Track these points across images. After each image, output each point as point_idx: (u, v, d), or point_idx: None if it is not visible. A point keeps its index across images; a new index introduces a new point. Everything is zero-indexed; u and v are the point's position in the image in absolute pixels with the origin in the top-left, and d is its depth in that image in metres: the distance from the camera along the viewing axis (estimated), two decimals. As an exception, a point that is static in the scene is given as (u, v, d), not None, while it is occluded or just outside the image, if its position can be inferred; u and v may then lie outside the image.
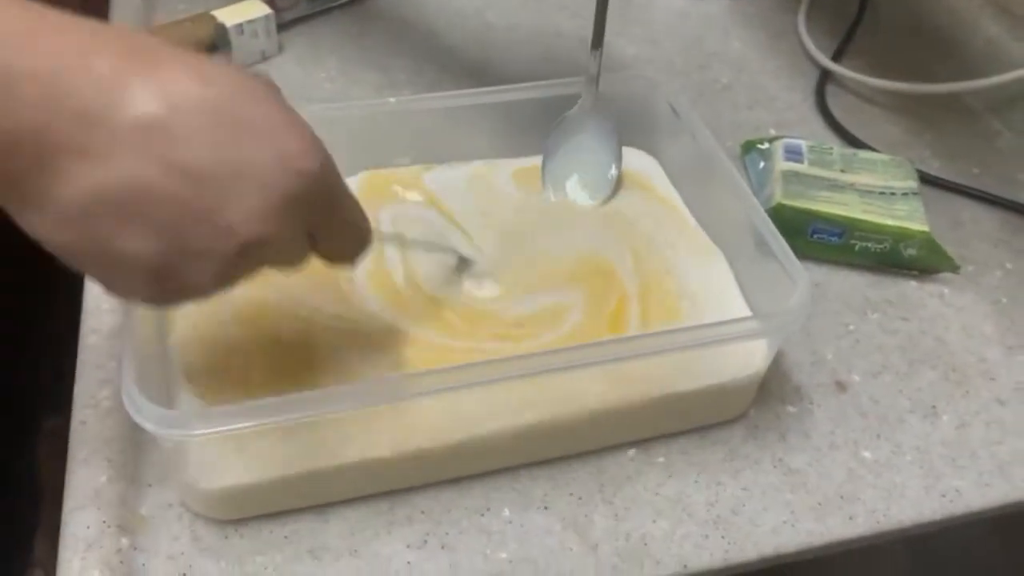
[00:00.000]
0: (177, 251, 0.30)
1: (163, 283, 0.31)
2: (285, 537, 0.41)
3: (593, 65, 0.54)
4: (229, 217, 0.30)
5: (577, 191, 0.55)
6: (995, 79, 0.67)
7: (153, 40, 0.30)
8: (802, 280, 0.43)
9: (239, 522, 0.41)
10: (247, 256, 0.31)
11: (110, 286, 0.32)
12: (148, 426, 0.35)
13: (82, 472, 0.42)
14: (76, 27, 0.29)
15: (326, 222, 0.34)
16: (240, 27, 0.66)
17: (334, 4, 0.75)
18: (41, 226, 0.29)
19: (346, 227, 0.36)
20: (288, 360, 0.44)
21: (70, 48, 0.28)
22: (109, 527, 0.41)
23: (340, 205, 0.35)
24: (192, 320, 0.45)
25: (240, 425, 0.36)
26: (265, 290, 0.45)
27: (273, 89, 0.32)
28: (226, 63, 0.31)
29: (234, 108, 0.30)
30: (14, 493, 0.68)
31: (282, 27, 0.71)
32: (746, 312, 0.49)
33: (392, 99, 0.53)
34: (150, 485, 0.42)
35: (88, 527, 0.40)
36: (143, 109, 0.28)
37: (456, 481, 0.44)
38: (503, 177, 0.56)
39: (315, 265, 0.36)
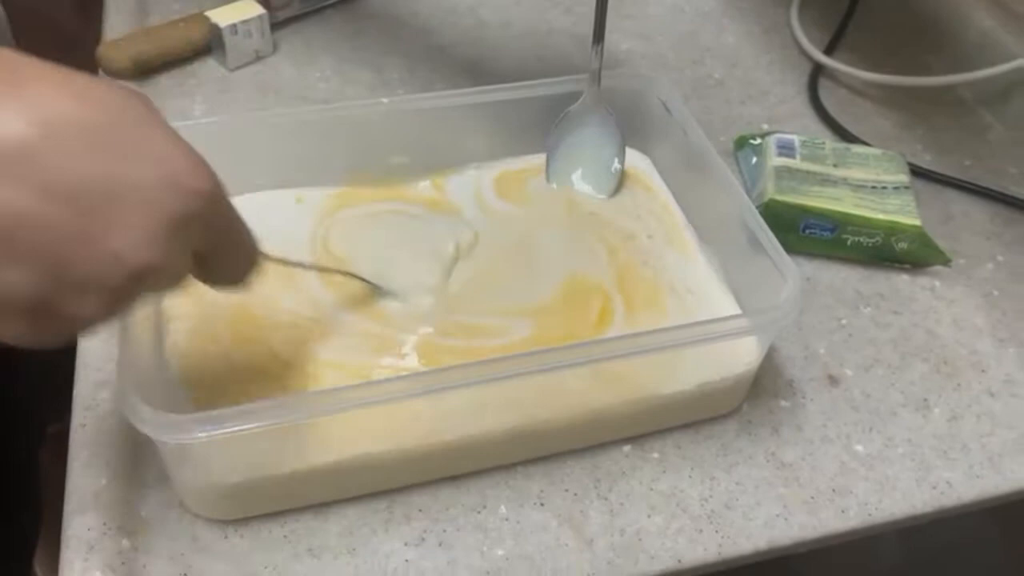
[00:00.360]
0: (59, 283, 0.27)
1: (46, 319, 0.28)
2: (284, 536, 0.42)
3: (595, 60, 0.54)
4: (114, 243, 0.27)
5: (582, 185, 0.56)
6: (987, 71, 0.67)
7: (18, 56, 0.28)
8: (792, 276, 0.44)
9: (238, 522, 0.42)
10: (136, 283, 0.29)
11: None
12: (146, 430, 0.35)
13: (82, 475, 0.43)
14: None
15: (217, 244, 0.32)
16: (234, 27, 0.66)
17: (327, 3, 0.75)
18: None
19: (237, 248, 0.34)
20: (278, 363, 0.44)
21: None
22: (110, 529, 0.41)
23: (231, 226, 0.33)
24: (184, 324, 0.45)
25: (237, 428, 0.36)
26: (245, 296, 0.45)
27: (151, 106, 0.30)
28: (100, 79, 0.29)
29: (113, 126, 0.28)
30: (19, 499, 0.68)
31: (276, 26, 0.71)
32: (735, 309, 0.49)
33: (385, 100, 0.54)
34: (150, 486, 0.43)
35: (89, 529, 0.41)
36: (11, 130, 0.26)
37: (453, 479, 0.45)
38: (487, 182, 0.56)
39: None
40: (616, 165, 0.56)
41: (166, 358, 0.44)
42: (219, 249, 0.33)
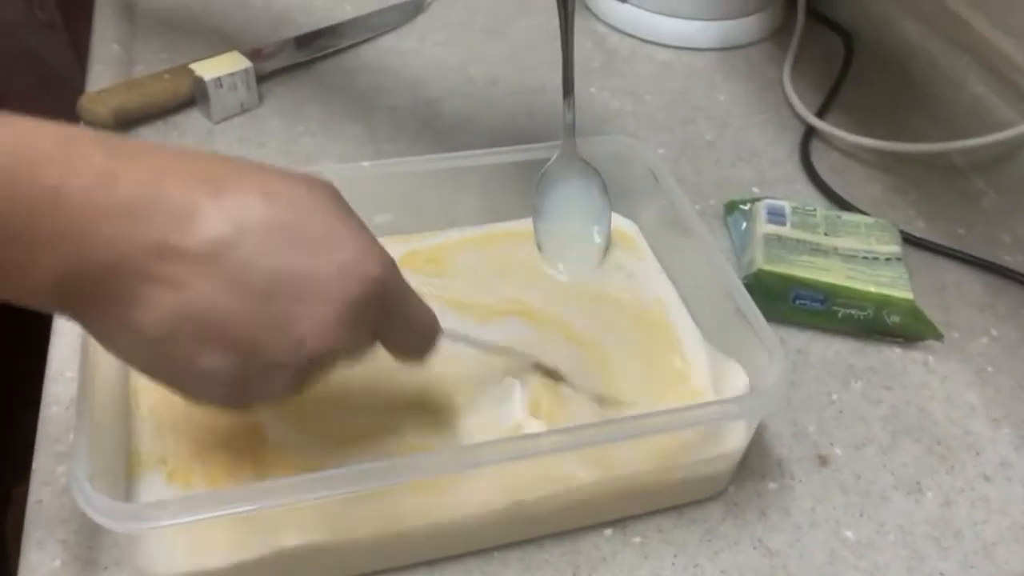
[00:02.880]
0: (253, 365, 0.31)
1: (241, 392, 0.32)
2: (245, 625, 0.40)
3: (567, 114, 0.53)
4: (299, 330, 0.31)
5: (566, 255, 0.54)
6: (980, 139, 0.67)
7: (221, 160, 0.32)
8: (779, 360, 0.42)
9: (198, 609, 0.40)
10: (319, 364, 0.33)
11: (191, 396, 0.33)
12: (97, 519, 0.34)
13: (35, 555, 0.41)
14: (150, 159, 0.31)
15: (390, 323, 0.35)
16: (219, 80, 0.66)
17: (317, 55, 0.74)
18: (124, 350, 0.32)
19: (411, 327, 0.37)
20: (252, 441, 0.42)
21: (146, 181, 0.30)
22: (61, 615, 0.39)
23: (404, 307, 0.36)
24: (159, 395, 0.44)
25: (194, 517, 0.35)
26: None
27: (334, 195, 0.34)
28: (292, 172, 0.33)
29: (296, 222, 0.31)
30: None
31: (263, 78, 0.70)
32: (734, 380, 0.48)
33: (366, 163, 0.53)
34: (106, 568, 0.41)
35: (39, 616, 0.39)
36: (212, 234, 0.30)
37: (425, 564, 0.43)
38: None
39: None
40: (596, 238, 0.54)
41: (137, 429, 0.43)
42: (393, 328, 0.36)
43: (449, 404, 0.45)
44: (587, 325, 0.50)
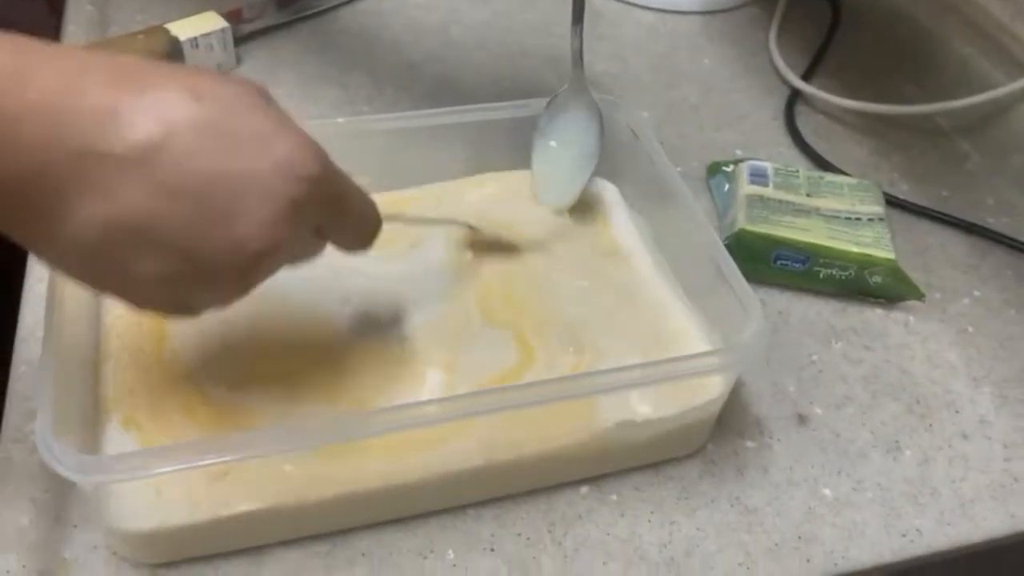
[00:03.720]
0: (193, 269, 0.31)
1: (184, 297, 0.32)
2: (217, 582, 0.39)
3: (575, 40, 0.52)
4: (238, 231, 0.30)
5: (545, 192, 0.54)
6: (965, 101, 0.66)
7: (141, 62, 0.31)
8: (756, 315, 0.42)
9: (167, 566, 0.40)
10: (262, 264, 0.32)
11: (133, 304, 0.32)
12: (61, 471, 0.33)
13: (4, 512, 0.40)
14: (63, 59, 0.29)
15: (334, 220, 0.35)
16: (194, 40, 0.64)
17: (297, 16, 0.73)
18: (57, 261, 0.31)
19: (355, 219, 0.37)
20: (226, 394, 0.42)
21: (60, 82, 0.28)
22: (30, 571, 0.39)
23: (346, 201, 0.35)
24: (126, 347, 0.43)
25: (161, 470, 0.34)
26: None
27: (265, 95, 0.33)
28: (217, 73, 0.32)
29: (227, 121, 0.30)
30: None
31: (241, 39, 0.69)
32: (701, 341, 0.47)
33: (340, 119, 0.52)
34: (75, 526, 0.40)
35: (7, 572, 0.38)
36: (139, 136, 0.29)
37: (399, 521, 0.42)
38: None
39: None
40: (584, 171, 0.53)
41: (104, 380, 0.42)
42: (338, 223, 0.36)
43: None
44: (567, 278, 0.50)
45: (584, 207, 0.55)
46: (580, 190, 0.54)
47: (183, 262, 0.30)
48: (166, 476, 0.37)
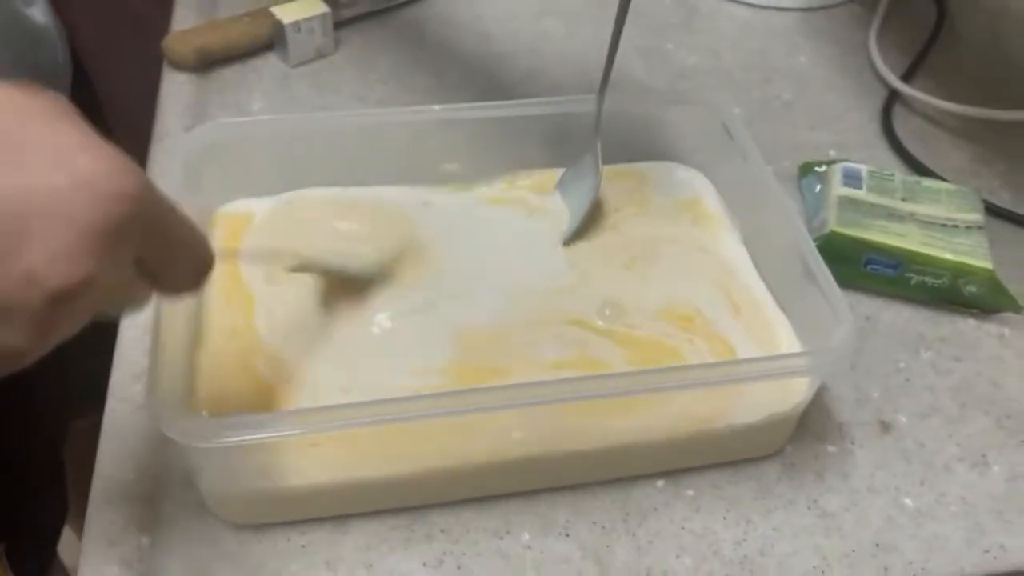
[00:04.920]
0: None
1: None
2: (302, 546, 0.41)
3: (599, 105, 0.52)
4: (27, 262, 0.24)
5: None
6: (1076, 108, 0.63)
7: None
8: (846, 318, 0.41)
9: (258, 528, 0.42)
10: (64, 304, 0.25)
11: None
12: (170, 433, 0.35)
13: (110, 468, 0.43)
14: None
15: (158, 252, 0.29)
16: (297, 24, 0.66)
17: (393, 4, 0.74)
18: None
19: (181, 251, 0.30)
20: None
21: None
22: (131, 524, 0.41)
23: (172, 231, 0.29)
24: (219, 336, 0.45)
25: (260, 436, 0.36)
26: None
27: (64, 107, 0.27)
28: (5, 82, 0.26)
29: (15, 129, 0.25)
30: (44, 486, 0.69)
31: (339, 25, 0.71)
32: (790, 341, 0.47)
33: (436, 107, 0.53)
34: (175, 485, 0.43)
35: (111, 523, 0.41)
36: None
37: (478, 500, 0.43)
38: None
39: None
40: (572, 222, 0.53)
41: (195, 364, 0.44)
42: (162, 255, 0.29)
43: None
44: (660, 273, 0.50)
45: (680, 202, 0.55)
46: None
47: None
48: (261, 443, 0.39)
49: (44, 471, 0.69)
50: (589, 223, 0.52)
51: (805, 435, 0.47)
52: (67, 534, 0.72)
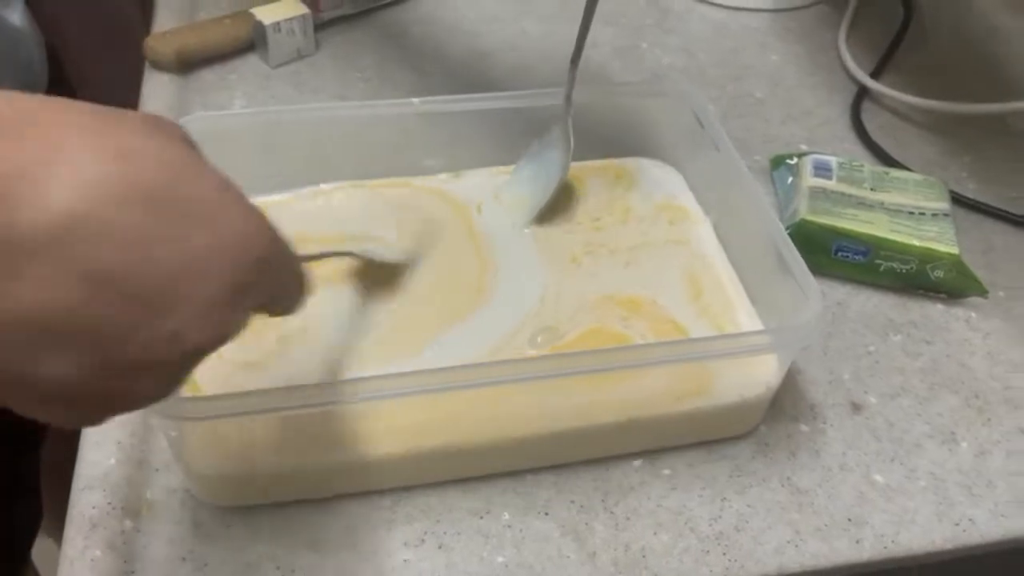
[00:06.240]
0: (108, 370, 0.24)
1: (93, 405, 0.26)
2: (286, 528, 0.42)
3: (569, 84, 0.53)
4: (173, 323, 0.24)
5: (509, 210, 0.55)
6: (1038, 101, 0.65)
7: (42, 104, 0.24)
8: (814, 295, 0.43)
9: (241, 510, 0.42)
10: (201, 357, 0.26)
11: (27, 412, 0.25)
12: (152, 412, 0.36)
13: (92, 453, 0.43)
14: None
15: (279, 289, 0.30)
16: (277, 25, 0.67)
17: (374, 5, 0.76)
18: None
19: (296, 286, 0.31)
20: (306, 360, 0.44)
21: None
22: (114, 509, 0.41)
23: (290, 277, 0.30)
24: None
25: (237, 412, 0.36)
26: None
27: (194, 148, 0.27)
28: (132, 115, 0.26)
29: (159, 187, 0.24)
30: (16, 489, 0.69)
31: (321, 26, 0.72)
32: (757, 326, 0.48)
33: (416, 100, 0.54)
34: (157, 469, 0.43)
35: (94, 507, 0.41)
36: (50, 213, 0.22)
37: (460, 482, 0.44)
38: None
39: None
40: (538, 200, 0.54)
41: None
42: (280, 293, 0.30)
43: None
44: (630, 263, 0.51)
45: (649, 193, 0.56)
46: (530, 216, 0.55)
47: (97, 365, 0.24)
48: (241, 424, 0.39)
49: (18, 471, 0.69)
50: (560, 219, 0.53)
51: (779, 416, 0.48)
52: (41, 541, 0.71)
